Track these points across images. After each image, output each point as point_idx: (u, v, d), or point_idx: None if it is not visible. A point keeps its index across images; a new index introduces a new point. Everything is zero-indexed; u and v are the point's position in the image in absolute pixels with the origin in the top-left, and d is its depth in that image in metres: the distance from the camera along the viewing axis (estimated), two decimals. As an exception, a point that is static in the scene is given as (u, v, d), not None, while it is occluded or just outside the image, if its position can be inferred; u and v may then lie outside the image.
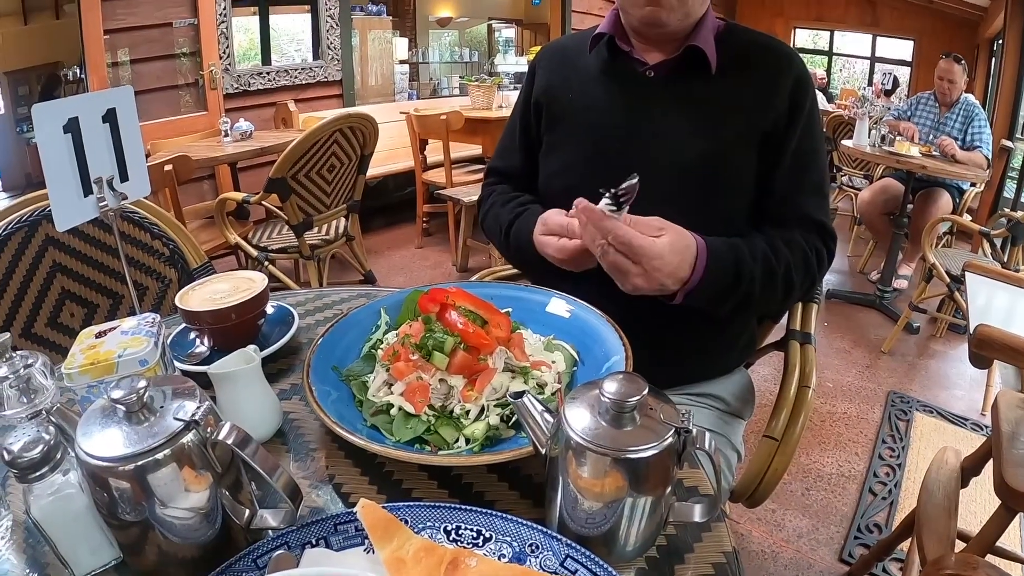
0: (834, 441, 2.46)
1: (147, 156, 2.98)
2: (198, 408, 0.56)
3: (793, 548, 1.91)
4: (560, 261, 0.97)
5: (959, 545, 1.34)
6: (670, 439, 0.54)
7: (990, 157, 3.66)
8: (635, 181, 0.82)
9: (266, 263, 2.96)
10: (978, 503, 2.01)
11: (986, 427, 2.52)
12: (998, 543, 1.23)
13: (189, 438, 0.55)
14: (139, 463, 0.53)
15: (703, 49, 1.03)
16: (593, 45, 1.13)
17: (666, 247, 0.85)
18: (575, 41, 1.21)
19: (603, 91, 1.12)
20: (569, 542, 0.57)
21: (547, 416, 0.60)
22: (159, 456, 0.54)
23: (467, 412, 0.73)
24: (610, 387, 0.55)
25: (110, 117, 0.95)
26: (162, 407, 0.57)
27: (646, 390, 0.55)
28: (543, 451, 0.59)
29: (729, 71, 1.05)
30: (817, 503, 2.11)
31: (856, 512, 2.06)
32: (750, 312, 1.05)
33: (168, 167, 2.71)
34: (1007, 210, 4.23)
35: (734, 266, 0.94)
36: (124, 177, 0.97)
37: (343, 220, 3.23)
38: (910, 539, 1.55)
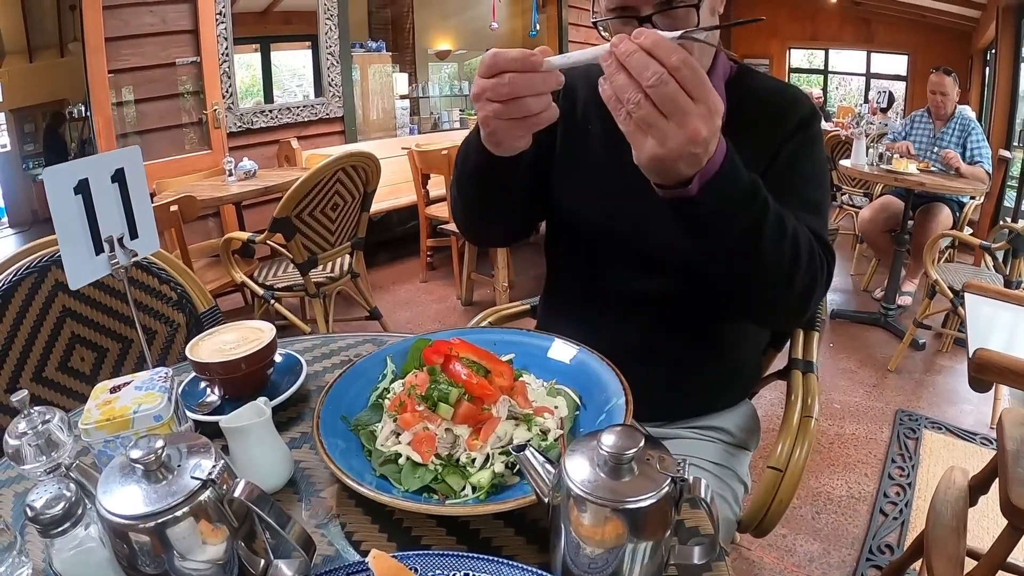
0: (843, 463, 2.45)
1: (152, 196, 3.02)
2: (214, 467, 0.59)
3: (805, 573, 1.90)
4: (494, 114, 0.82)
5: (969, 563, 1.34)
6: (667, 488, 0.56)
7: (991, 171, 3.68)
8: None
9: (272, 301, 2.98)
10: (990, 518, 2.01)
11: (995, 441, 2.51)
12: (1009, 559, 1.23)
13: (206, 495, 0.58)
14: (159, 520, 0.56)
15: None
16: None
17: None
18: (595, 71, 1.20)
19: (614, 127, 1.12)
20: (573, 588, 0.59)
21: (548, 467, 0.62)
22: (178, 513, 0.56)
23: (473, 460, 0.75)
24: (608, 440, 0.57)
25: (118, 177, 0.97)
26: (179, 465, 0.59)
27: (643, 442, 0.57)
28: (546, 500, 0.61)
29: (738, 118, 1.01)
30: (828, 526, 2.10)
31: (867, 534, 2.06)
32: (753, 266, 0.87)
33: (174, 208, 2.75)
34: (1008, 220, 4.25)
35: (750, 179, 0.82)
36: (134, 234, 0.99)
37: (348, 257, 3.25)
38: (921, 559, 1.55)
